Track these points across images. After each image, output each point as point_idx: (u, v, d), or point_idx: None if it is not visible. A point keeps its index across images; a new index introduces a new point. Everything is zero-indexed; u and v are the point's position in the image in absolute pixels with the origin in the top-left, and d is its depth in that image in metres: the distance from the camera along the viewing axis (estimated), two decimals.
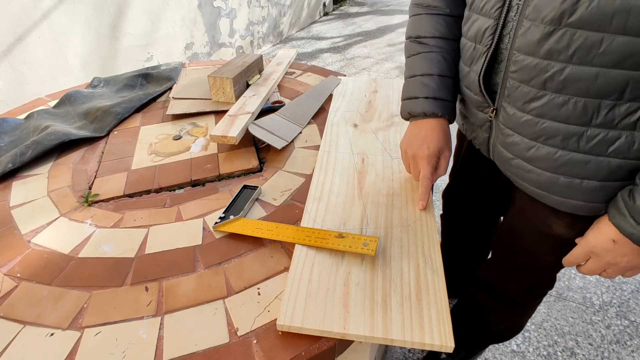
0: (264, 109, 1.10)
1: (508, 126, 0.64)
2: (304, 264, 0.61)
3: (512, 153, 0.66)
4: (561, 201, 0.64)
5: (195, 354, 0.52)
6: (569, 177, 0.60)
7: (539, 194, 0.66)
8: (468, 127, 0.80)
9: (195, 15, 3.08)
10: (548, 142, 0.59)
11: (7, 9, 1.89)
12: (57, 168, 0.91)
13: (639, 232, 0.53)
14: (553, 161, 0.60)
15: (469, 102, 0.72)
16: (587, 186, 0.59)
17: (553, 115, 0.57)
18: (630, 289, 1.50)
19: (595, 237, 0.61)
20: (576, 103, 0.54)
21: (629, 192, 0.55)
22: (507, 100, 0.62)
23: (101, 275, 0.63)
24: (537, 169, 0.63)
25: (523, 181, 0.67)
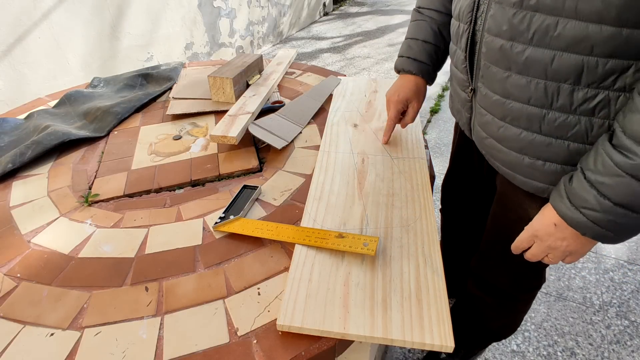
0: (264, 109, 1.10)
1: (482, 105, 0.68)
2: (304, 264, 0.61)
3: (486, 132, 0.70)
4: (525, 181, 0.67)
5: (195, 354, 0.52)
6: (532, 158, 0.63)
7: (507, 172, 0.70)
8: (455, 109, 0.83)
9: (195, 15, 3.08)
10: (514, 123, 0.62)
11: (7, 9, 1.89)
12: (57, 168, 0.91)
13: (573, 214, 0.55)
14: (518, 141, 0.63)
15: (456, 82, 0.77)
16: (548, 168, 0.62)
17: (517, 96, 0.60)
18: (630, 289, 1.50)
19: (538, 221, 0.62)
20: (537, 85, 0.57)
21: (570, 176, 0.57)
22: (481, 81, 0.66)
23: (101, 275, 0.63)
24: (505, 149, 0.66)
25: (495, 160, 0.71)
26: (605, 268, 1.59)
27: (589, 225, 0.54)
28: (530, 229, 0.64)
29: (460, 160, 0.98)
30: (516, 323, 1.01)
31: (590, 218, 0.53)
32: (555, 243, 0.61)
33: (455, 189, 1.07)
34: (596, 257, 1.64)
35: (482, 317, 1.02)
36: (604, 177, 0.51)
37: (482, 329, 1.06)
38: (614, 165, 0.50)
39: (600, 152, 0.52)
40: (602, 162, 0.51)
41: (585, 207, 0.54)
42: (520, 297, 0.92)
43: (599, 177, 0.52)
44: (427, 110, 2.75)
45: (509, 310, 0.96)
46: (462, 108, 0.77)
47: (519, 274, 0.85)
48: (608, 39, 0.49)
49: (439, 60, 0.86)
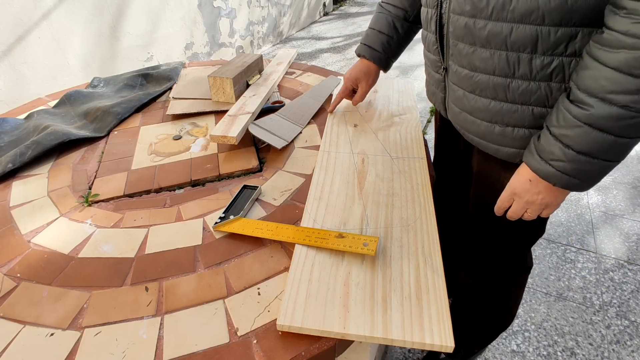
0: (264, 109, 1.10)
1: (454, 82, 0.74)
2: (304, 264, 0.61)
3: (459, 107, 0.76)
4: (497, 149, 0.72)
5: (195, 354, 0.52)
6: (502, 126, 0.69)
7: (480, 143, 0.75)
8: (430, 92, 0.89)
9: (195, 15, 3.08)
10: (482, 94, 0.69)
11: (7, 9, 1.89)
12: (57, 168, 0.91)
13: (543, 167, 0.61)
14: (488, 111, 0.69)
15: (429, 65, 0.83)
16: (517, 134, 0.68)
17: (483, 68, 0.66)
18: (630, 289, 1.50)
19: (515, 180, 0.68)
20: (499, 56, 0.63)
21: (538, 135, 0.63)
22: (452, 59, 0.72)
23: (101, 275, 0.63)
24: (478, 120, 0.72)
25: (469, 133, 0.76)
26: (605, 268, 1.59)
27: (558, 175, 0.60)
28: (509, 188, 0.69)
29: (442, 143, 1.02)
30: (511, 313, 1.04)
31: (559, 168, 0.59)
32: (532, 197, 0.66)
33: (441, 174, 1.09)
34: (596, 257, 1.64)
35: (477, 308, 1.04)
36: (566, 129, 0.57)
37: (479, 323, 1.08)
38: (572, 118, 0.56)
39: (560, 108, 0.59)
40: (563, 117, 0.58)
41: (553, 159, 0.59)
42: (511, 282, 0.95)
43: (562, 130, 0.58)
44: (427, 110, 2.75)
45: (502, 298, 0.99)
46: (436, 89, 0.83)
47: (505, 254, 0.89)
48: (555, 8, 0.56)
49: (393, 50, 0.96)
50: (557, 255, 1.65)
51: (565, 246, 1.69)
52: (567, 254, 1.65)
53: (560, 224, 1.81)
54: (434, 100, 0.88)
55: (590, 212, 1.87)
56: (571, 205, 1.91)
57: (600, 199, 1.95)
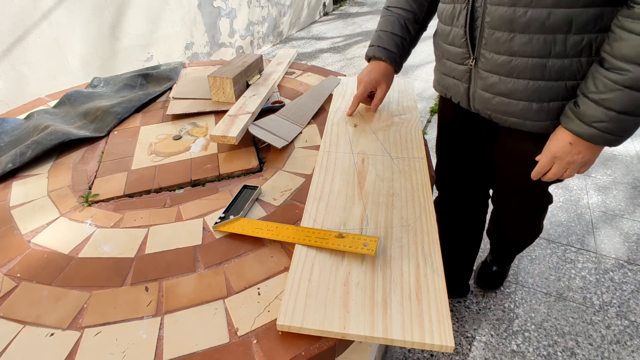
0: (264, 109, 1.10)
1: (487, 69, 0.80)
2: (304, 264, 0.61)
3: (492, 93, 0.82)
4: (534, 124, 0.81)
5: (195, 354, 0.52)
6: (539, 103, 0.77)
7: (515, 122, 0.83)
8: (445, 86, 0.96)
9: (195, 15, 3.08)
10: (521, 76, 0.76)
11: (7, 9, 1.89)
12: (57, 168, 0.91)
13: (586, 130, 0.70)
14: (526, 91, 0.77)
15: (451, 58, 0.88)
16: (553, 107, 0.77)
17: (522, 52, 0.74)
18: (630, 289, 1.50)
19: (555, 145, 0.77)
20: (537, 39, 0.71)
21: (573, 103, 0.72)
22: (485, 48, 0.79)
23: (101, 275, 0.63)
24: (515, 101, 0.79)
25: (503, 115, 0.84)
26: (605, 268, 1.59)
27: (601, 135, 0.69)
28: (550, 154, 0.78)
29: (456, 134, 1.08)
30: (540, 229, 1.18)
31: (602, 129, 0.68)
32: (572, 158, 0.75)
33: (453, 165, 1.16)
34: (596, 257, 1.64)
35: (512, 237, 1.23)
36: (606, 94, 0.66)
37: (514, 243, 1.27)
38: (612, 83, 0.65)
39: (597, 76, 0.67)
40: (602, 83, 0.66)
41: (595, 121, 0.69)
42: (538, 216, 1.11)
43: (602, 95, 0.67)
44: (427, 110, 2.75)
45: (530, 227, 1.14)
46: (458, 81, 0.89)
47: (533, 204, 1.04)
48: None
49: (405, 51, 1.00)
50: (557, 255, 1.65)
51: (565, 246, 1.69)
52: (567, 254, 1.65)
53: (560, 224, 1.81)
54: (453, 92, 0.93)
55: (590, 212, 1.87)
56: (571, 205, 1.91)
57: (600, 199, 1.95)
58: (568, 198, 1.96)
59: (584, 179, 2.10)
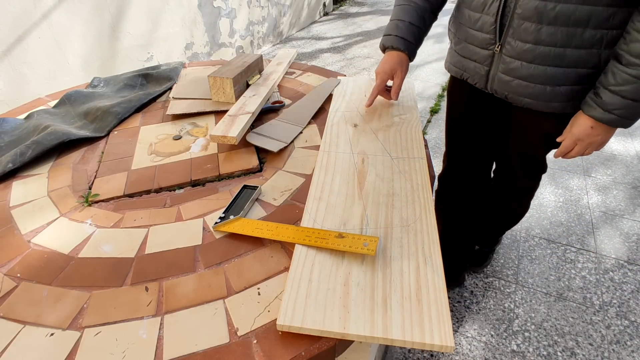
0: (264, 109, 1.10)
1: (510, 55, 0.90)
2: (304, 264, 0.61)
3: (512, 76, 0.92)
4: (546, 105, 0.92)
5: (195, 354, 0.52)
6: (552, 86, 0.89)
7: (530, 102, 0.94)
8: (463, 68, 1.04)
9: (195, 15, 3.08)
10: (542, 63, 0.87)
11: (7, 9, 1.89)
12: (57, 168, 0.91)
13: (607, 116, 0.82)
14: (544, 76, 0.88)
15: (475, 43, 0.97)
16: (564, 90, 0.89)
17: (546, 42, 0.84)
18: (630, 289, 1.50)
19: (578, 129, 0.88)
20: (562, 31, 0.82)
21: (594, 93, 0.84)
22: (512, 36, 0.88)
23: (101, 275, 0.63)
24: (532, 84, 0.90)
25: (520, 96, 0.94)
26: (605, 268, 1.59)
27: (619, 119, 0.82)
28: (572, 137, 0.90)
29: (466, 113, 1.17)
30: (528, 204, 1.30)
31: (619, 115, 0.81)
32: (593, 139, 0.88)
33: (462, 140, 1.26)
34: (596, 257, 1.64)
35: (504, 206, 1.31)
36: (624, 86, 0.78)
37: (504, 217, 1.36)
38: (629, 77, 0.77)
39: (616, 72, 0.79)
40: (621, 77, 0.78)
41: (614, 109, 0.81)
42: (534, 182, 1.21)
43: (620, 87, 0.78)
44: (427, 110, 2.75)
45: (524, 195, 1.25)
46: (480, 64, 0.98)
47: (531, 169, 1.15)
48: None
49: (420, 40, 1.04)
50: (557, 255, 1.65)
51: (565, 246, 1.69)
52: (567, 254, 1.65)
53: (560, 224, 1.81)
54: (472, 74, 1.02)
55: (590, 212, 1.87)
56: (571, 206, 1.91)
57: (600, 199, 1.95)
58: (568, 198, 1.96)
59: (584, 178, 2.10)
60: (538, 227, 1.79)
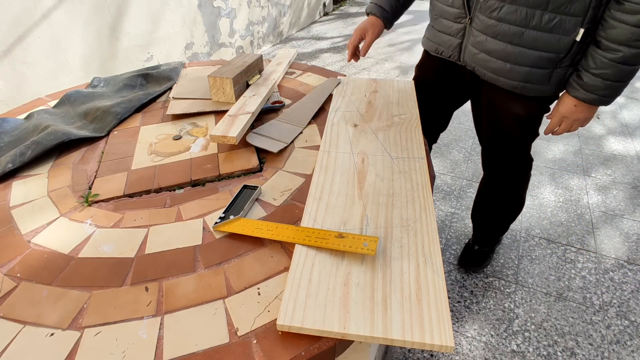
0: (264, 109, 1.10)
1: (478, 29, 0.98)
2: (304, 264, 0.61)
3: (478, 49, 1.01)
4: (506, 82, 0.99)
5: (195, 354, 0.52)
6: (512, 64, 0.96)
7: (491, 77, 1.01)
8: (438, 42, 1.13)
9: (195, 15, 3.08)
10: (503, 39, 0.94)
11: (7, 9, 1.89)
12: (57, 168, 0.91)
13: (589, 96, 0.91)
14: (504, 52, 0.95)
15: (448, 17, 1.05)
16: (522, 70, 0.95)
17: (507, 19, 0.91)
18: (630, 289, 1.50)
19: (563, 108, 0.98)
20: (521, 11, 0.89)
21: (577, 76, 0.92)
22: (479, 11, 0.96)
23: (101, 275, 0.63)
24: (494, 59, 0.98)
25: (483, 69, 1.02)
26: (605, 268, 1.59)
27: (599, 99, 0.90)
28: (559, 115, 0.99)
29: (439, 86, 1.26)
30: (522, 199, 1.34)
31: (600, 94, 0.90)
32: (577, 116, 0.97)
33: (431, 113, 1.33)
34: (596, 257, 1.64)
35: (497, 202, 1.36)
36: (604, 69, 0.86)
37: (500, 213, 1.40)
38: (608, 61, 0.85)
39: (595, 56, 0.86)
40: (601, 61, 0.86)
41: (596, 90, 0.89)
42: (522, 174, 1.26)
43: (600, 70, 0.86)
44: None
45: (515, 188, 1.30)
46: (453, 37, 1.07)
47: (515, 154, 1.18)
48: None
49: (397, 12, 1.20)
50: (557, 255, 1.65)
51: (565, 246, 1.69)
52: (567, 254, 1.65)
53: (560, 224, 1.81)
54: (446, 47, 1.10)
55: (590, 212, 1.87)
56: (571, 205, 1.91)
57: (600, 199, 1.95)
58: (568, 198, 1.96)
59: (584, 179, 2.10)
60: (538, 227, 1.79)
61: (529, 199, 1.95)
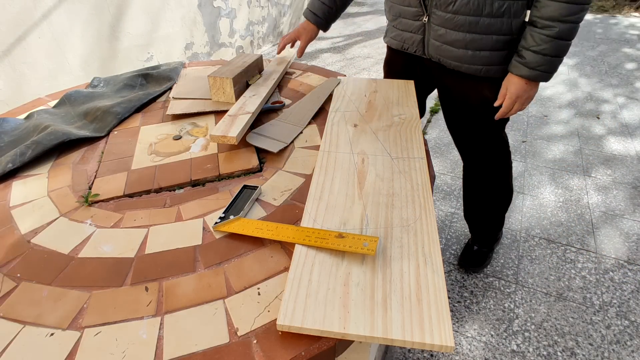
0: (264, 109, 1.10)
1: (437, 24, 1.05)
2: (304, 264, 0.61)
3: (440, 41, 1.08)
4: (469, 67, 1.07)
5: (195, 354, 0.52)
6: (473, 51, 1.04)
7: (456, 65, 1.08)
8: (402, 39, 1.19)
9: (195, 15, 3.08)
10: (461, 29, 1.02)
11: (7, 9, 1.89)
12: (57, 168, 0.91)
13: (533, 73, 0.97)
14: (464, 41, 1.03)
15: (407, 16, 1.12)
16: (483, 55, 1.04)
17: (462, 11, 0.99)
18: (630, 289, 1.50)
19: (515, 88, 1.02)
20: (473, 1, 0.96)
21: (518, 55, 0.99)
22: (435, 7, 1.03)
23: (101, 275, 0.63)
24: (455, 48, 1.05)
25: (447, 58, 1.09)
26: (605, 268, 1.59)
27: (542, 74, 0.98)
28: (512, 95, 1.03)
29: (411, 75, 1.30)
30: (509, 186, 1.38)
31: (543, 70, 0.97)
32: (527, 94, 1.03)
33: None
34: (596, 257, 1.64)
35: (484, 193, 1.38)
36: (543, 45, 0.94)
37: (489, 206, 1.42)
38: (545, 37, 0.93)
39: (534, 35, 0.95)
40: (539, 38, 0.94)
41: (538, 66, 0.96)
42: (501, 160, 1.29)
43: (539, 47, 0.94)
44: (428, 110, 2.75)
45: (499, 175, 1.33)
46: (414, 34, 1.14)
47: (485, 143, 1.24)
48: None
49: (331, 16, 1.29)
50: (557, 255, 1.65)
51: (565, 246, 1.69)
52: (567, 254, 1.65)
53: (560, 224, 1.81)
54: (410, 43, 1.18)
55: (590, 212, 1.87)
56: (571, 205, 1.91)
57: (600, 199, 1.95)
58: (568, 198, 1.96)
59: (584, 178, 2.10)
60: (538, 227, 1.79)
61: (529, 199, 1.95)
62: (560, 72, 3.40)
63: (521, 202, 1.93)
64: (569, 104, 2.88)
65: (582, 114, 2.75)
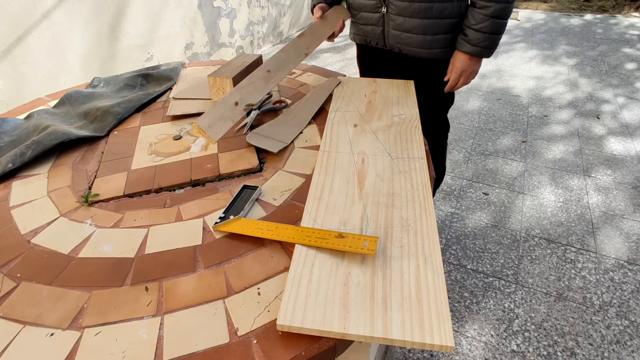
0: (265, 109, 1.10)
1: (395, 13, 1.13)
2: (304, 264, 0.61)
3: (399, 30, 1.16)
4: (430, 52, 1.16)
5: (195, 354, 0.52)
6: (431, 35, 1.12)
7: (417, 51, 1.17)
8: (364, 33, 1.27)
9: (195, 15, 3.08)
10: (418, 16, 1.10)
11: (7, 9, 1.89)
12: (57, 168, 0.91)
13: (475, 49, 1.09)
14: (422, 27, 1.11)
15: (367, 10, 1.20)
16: (440, 38, 1.13)
17: None
18: (630, 289, 1.50)
19: (460, 63, 1.13)
20: None
21: (462, 33, 1.10)
22: None
23: (101, 275, 0.63)
24: (415, 35, 1.14)
25: (408, 46, 1.17)
26: (605, 268, 1.59)
27: (484, 51, 1.09)
28: (458, 70, 1.14)
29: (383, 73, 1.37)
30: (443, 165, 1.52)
31: (484, 46, 1.08)
32: (472, 68, 1.14)
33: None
34: (596, 257, 1.64)
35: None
36: (482, 24, 1.05)
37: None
38: (484, 16, 1.03)
39: (474, 14, 1.05)
40: (479, 17, 1.04)
41: (479, 43, 1.07)
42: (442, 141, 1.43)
43: (479, 25, 1.05)
44: None
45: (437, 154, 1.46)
46: (375, 26, 1.21)
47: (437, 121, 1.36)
48: None
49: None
50: (557, 255, 1.65)
51: (565, 246, 1.69)
52: (567, 254, 1.65)
53: (560, 224, 1.81)
54: (372, 36, 1.25)
55: (591, 212, 1.87)
56: (571, 205, 1.91)
57: (601, 199, 1.95)
58: (568, 198, 1.96)
59: (584, 178, 2.10)
60: (538, 227, 1.79)
61: (529, 199, 1.95)
62: (561, 72, 3.40)
63: (521, 202, 1.93)
64: (569, 104, 2.89)
65: (582, 114, 2.75)
